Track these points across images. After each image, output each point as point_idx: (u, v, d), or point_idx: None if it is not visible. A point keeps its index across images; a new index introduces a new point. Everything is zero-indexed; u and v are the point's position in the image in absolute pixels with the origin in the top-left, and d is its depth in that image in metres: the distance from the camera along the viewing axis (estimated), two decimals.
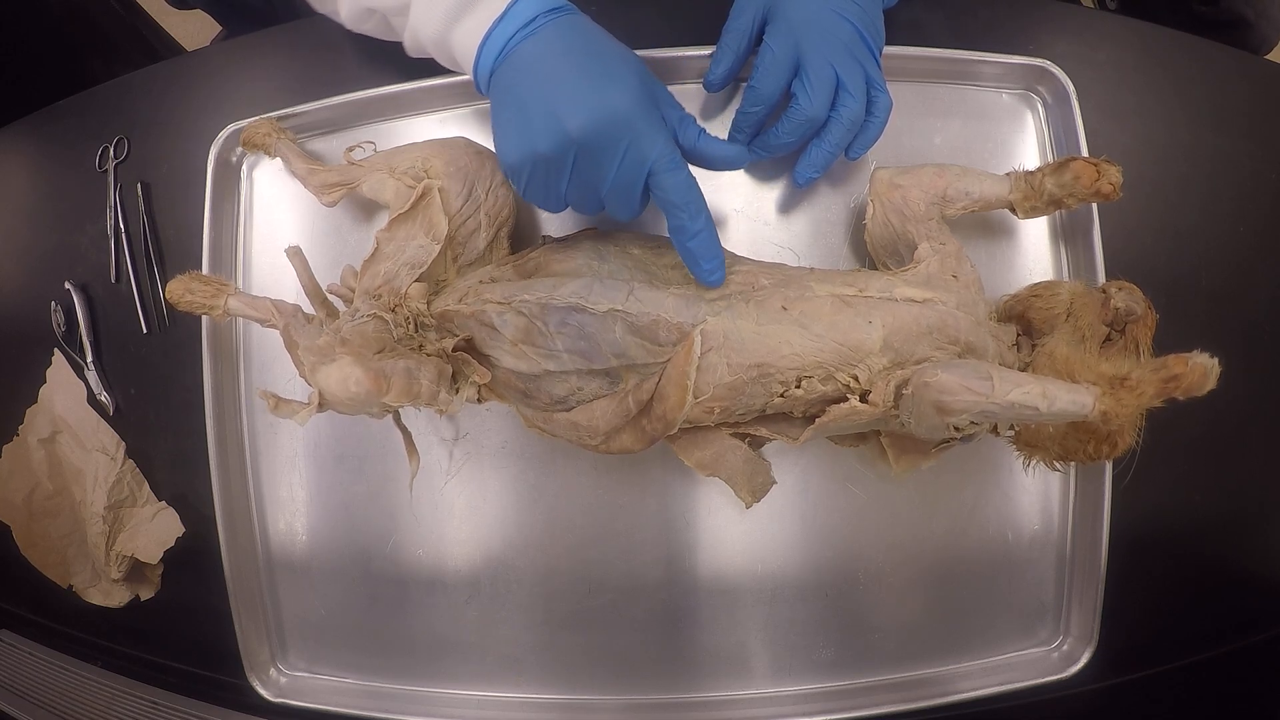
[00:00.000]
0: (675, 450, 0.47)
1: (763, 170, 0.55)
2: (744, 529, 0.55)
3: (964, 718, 0.54)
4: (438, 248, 0.47)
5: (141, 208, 0.61)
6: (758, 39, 0.50)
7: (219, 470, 0.56)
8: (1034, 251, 0.54)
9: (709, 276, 0.44)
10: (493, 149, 0.49)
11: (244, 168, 0.58)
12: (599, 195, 0.43)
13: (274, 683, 0.57)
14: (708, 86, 0.53)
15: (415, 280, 0.47)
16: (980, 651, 0.55)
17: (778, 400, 0.43)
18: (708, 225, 0.43)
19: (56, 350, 0.62)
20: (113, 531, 0.60)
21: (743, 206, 0.55)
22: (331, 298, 0.52)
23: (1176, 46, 0.57)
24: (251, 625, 0.57)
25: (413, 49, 0.50)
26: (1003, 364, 0.44)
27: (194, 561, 0.59)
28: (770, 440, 0.47)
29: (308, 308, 0.51)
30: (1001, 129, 0.55)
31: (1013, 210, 0.48)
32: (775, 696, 0.55)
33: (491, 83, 0.45)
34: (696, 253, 0.44)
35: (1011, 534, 0.55)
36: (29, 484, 0.62)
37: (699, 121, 0.46)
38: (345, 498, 0.57)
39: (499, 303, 0.45)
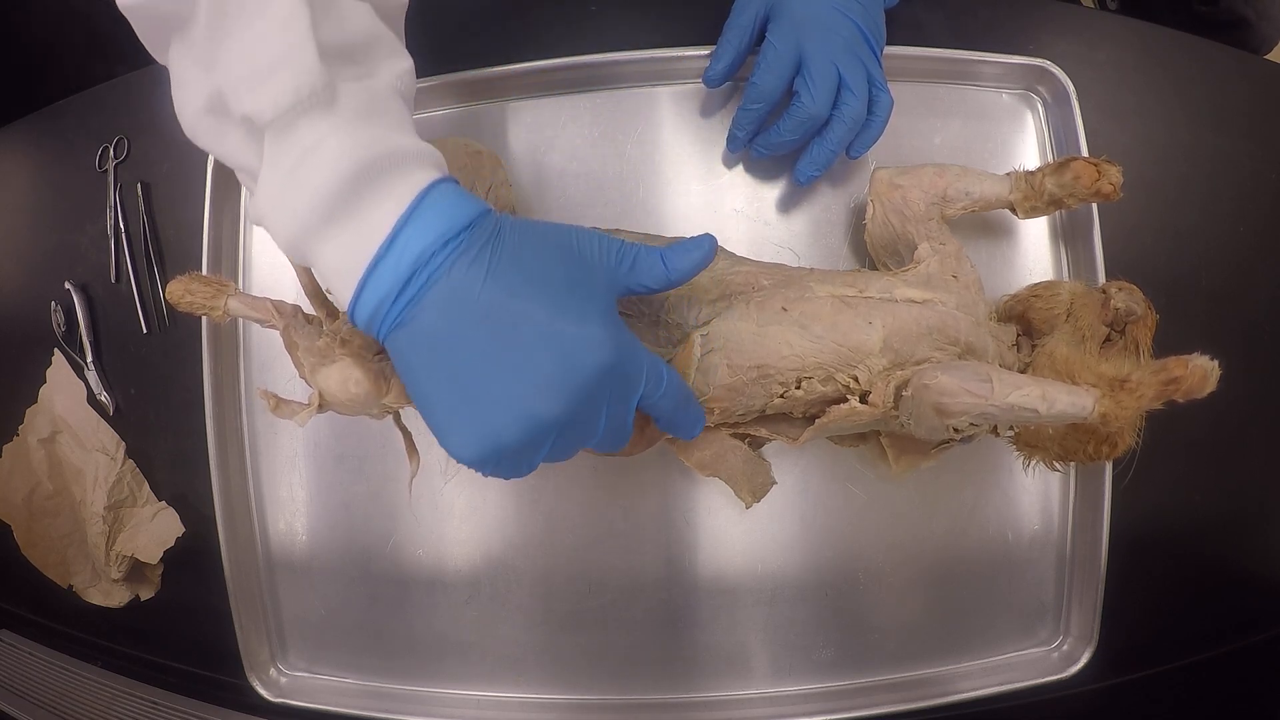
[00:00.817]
0: (675, 450, 0.47)
1: (763, 170, 0.55)
2: (744, 529, 0.55)
3: (964, 718, 0.53)
4: None
5: (141, 208, 0.61)
6: (759, 36, 0.50)
7: (219, 470, 0.56)
8: (1034, 251, 0.54)
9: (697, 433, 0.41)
10: (491, 149, 0.49)
11: None
12: (581, 447, 0.36)
13: (274, 683, 0.57)
14: (707, 82, 0.53)
15: None
16: (980, 651, 0.55)
17: (778, 401, 0.43)
18: (692, 397, 0.39)
19: (56, 350, 0.62)
20: (113, 531, 0.60)
21: (743, 206, 0.55)
22: (331, 298, 0.51)
23: (1176, 46, 0.57)
24: (251, 625, 0.57)
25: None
26: (1003, 364, 0.44)
27: (194, 561, 0.59)
28: (770, 440, 0.47)
29: (308, 308, 0.51)
30: (1001, 129, 0.55)
31: (1013, 210, 0.48)
32: (775, 696, 0.55)
33: (395, 335, 0.31)
34: (692, 424, 0.40)
35: (1011, 534, 0.55)
36: (29, 484, 0.62)
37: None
38: (345, 498, 0.57)
39: None
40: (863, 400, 0.42)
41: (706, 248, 0.37)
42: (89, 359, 0.61)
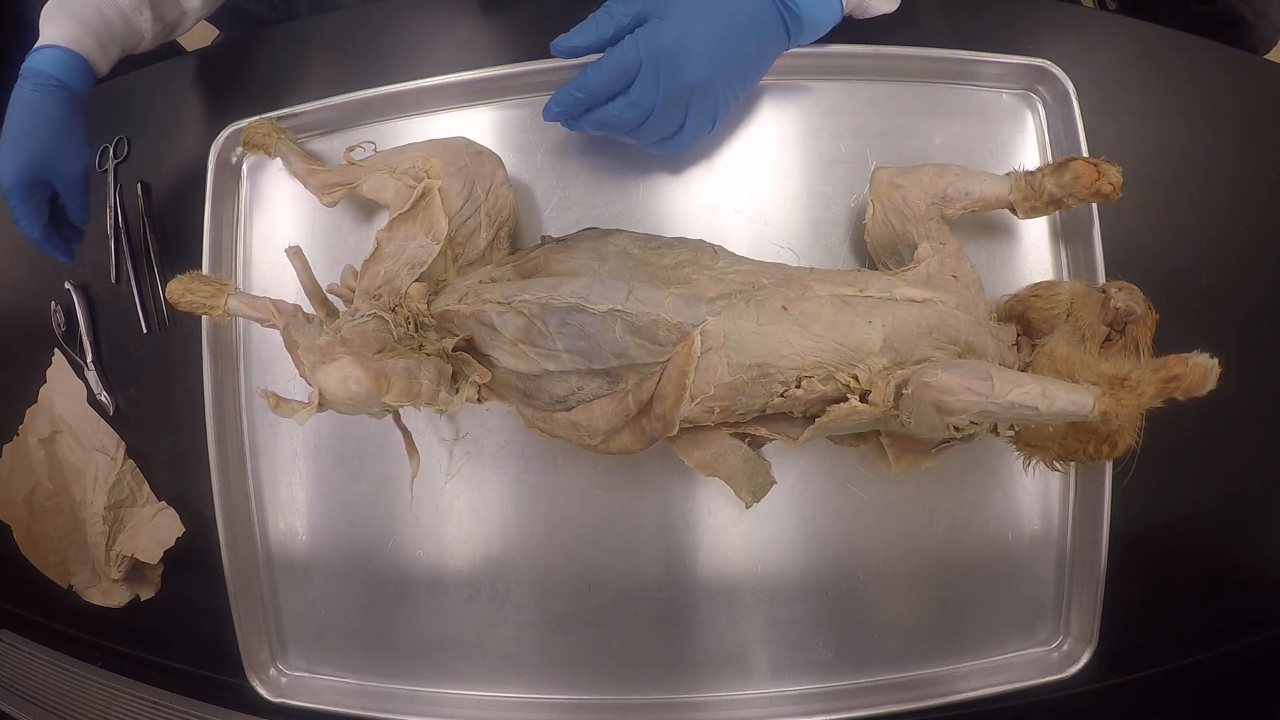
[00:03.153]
0: (675, 450, 0.47)
1: (763, 170, 0.55)
2: (744, 529, 0.55)
3: (964, 718, 0.53)
4: (438, 247, 0.47)
5: (141, 208, 0.61)
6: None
7: (219, 470, 0.56)
8: (1034, 251, 0.54)
9: None
10: (492, 149, 0.49)
11: (244, 168, 0.58)
12: None
13: (274, 683, 0.57)
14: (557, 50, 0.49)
15: (415, 280, 0.47)
16: (980, 651, 0.55)
17: (778, 400, 0.43)
18: None
19: (56, 350, 0.62)
20: (113, 531, 0.60)
21: (743, 206, 0.55)
22: (331, 298, 0.52)
23: (1176, 46, 0.57)
24: (251, 625, 0.57)
25: None
26: (1003, 364, 0.44)
27: (194, 561, 0.59)
28: (770, 440, 0.47)
29: (308, 308, 0.51)
30: (1001, 129, 0.55)
31: (1013, 210, 0.48)
32: (775, 696, 0.55)
33: None
34: None
35: (1011, 534, 0.55)
36: (29, 484, 0.62)
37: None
38: (345, 498, 0.57)
39: (499, 303, 0.45)
40: (863, 399, 0.42)
41: None
42: (89, 359, 0.61)
